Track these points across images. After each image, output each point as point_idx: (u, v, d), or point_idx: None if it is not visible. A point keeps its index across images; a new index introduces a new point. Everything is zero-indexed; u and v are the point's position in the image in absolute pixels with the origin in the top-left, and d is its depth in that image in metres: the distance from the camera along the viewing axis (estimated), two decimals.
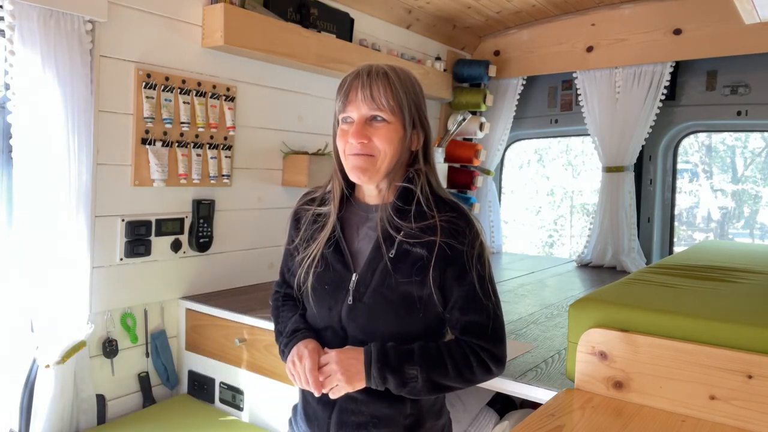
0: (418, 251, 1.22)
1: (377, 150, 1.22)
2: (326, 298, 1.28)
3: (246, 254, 2.67)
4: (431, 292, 1.23)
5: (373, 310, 1.24)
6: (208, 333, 2.32)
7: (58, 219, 1.93)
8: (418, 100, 1.27)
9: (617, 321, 1.42)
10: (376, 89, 1.21)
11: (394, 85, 1.22)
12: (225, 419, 2.20)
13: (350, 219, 1.33)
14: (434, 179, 1.31)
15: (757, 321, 1.30)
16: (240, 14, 2.36)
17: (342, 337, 1.28)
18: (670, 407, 1.33)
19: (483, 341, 1.25)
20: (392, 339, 1.24)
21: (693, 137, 6.29)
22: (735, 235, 8.35)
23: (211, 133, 2.42)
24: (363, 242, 1.29)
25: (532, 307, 2.50)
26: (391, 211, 1.25)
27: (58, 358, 1.94)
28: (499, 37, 3.88)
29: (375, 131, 1.22)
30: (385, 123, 1.22)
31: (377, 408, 1.25)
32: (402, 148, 1.25)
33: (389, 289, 1.23)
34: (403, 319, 1.24)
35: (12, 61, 1.81)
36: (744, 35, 2.95)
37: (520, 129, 4.13)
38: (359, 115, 1.22)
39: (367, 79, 1.21)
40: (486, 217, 4.10)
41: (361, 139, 1.21)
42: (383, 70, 1.23)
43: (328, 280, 1.28)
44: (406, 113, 1.23)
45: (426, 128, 1.30)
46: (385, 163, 1.23)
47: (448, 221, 1.24)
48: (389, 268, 1.23)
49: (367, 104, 1.21)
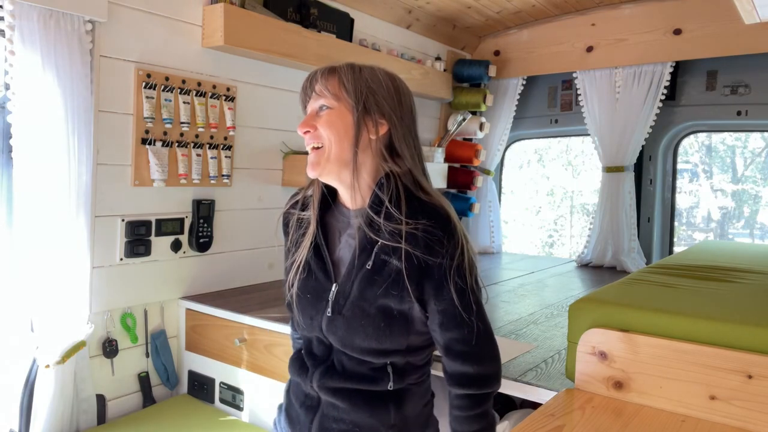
0: (394, 263, 1.17)
1: (322, 137, 1.20)
2: (308, 307, 1.26)
3: (246, 254, 2.67)
4: (412, 306, 1.18)
5: (351, 323, 1.20)
6: (208, 333, 2.32)
7: (58, 219, 1.93)
8: (375, 86, 1.20)
9: (617, 321, 1.42)
10: (316, 81, 1.21)
11: (339, 74, 1.20)
12: (225, 419, 2.20)
13: (333, 224, 1.29)
14: (410, 180, 1.22)
15: (757, 321, 1.30)
16: (240, 14, 2.36)
17: (327, 345, 1.27)
18: (670, 407, 1.33)
19: (467, 365, 1.20)
20: (370, 353, 1.20)
21: (693, 137, 6.29)
22: (735, 235, 8.35)
23: (211, 133, 2.42)
24: (344, 250, 1.26)
25: (532, 307, 2.50)
26: (365, 217, 1.20)
27: (58, 358, 1.94)
28: (499, 37, 3.88)
29: (318, 119, 1.21)
30: (327, 109, 1.20)
31: (359, 416, 1.23)
32: (353, 133, 1.18)
33: (367, 302, 1.19)
34: (383, 334, 1.19)
35: (12, 61, 1.81)
36: (744, 35, 2.95)
37: (520, 129, 4.13)
38: (309, 109, 1.23)
39: (313, 76, 1.22)
40: (486, 217, 4.10)
41: (304, 127, 1.21)
42: (332, 65, 1.22)
43: (310, 288, 1.26)
44: (352, 98, 1.18)
45: (392, 118, 1.21)
46: (333, 152, 1.19)
47: (424, 231, 1.16)
48: (367, 279, 1.19)
49: (312, 97, 1.22)
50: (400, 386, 1.25)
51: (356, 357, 1.23)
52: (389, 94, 1.22)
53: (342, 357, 1.25)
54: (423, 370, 1.31)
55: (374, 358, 1.22)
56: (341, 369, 1.25)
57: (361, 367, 1.23)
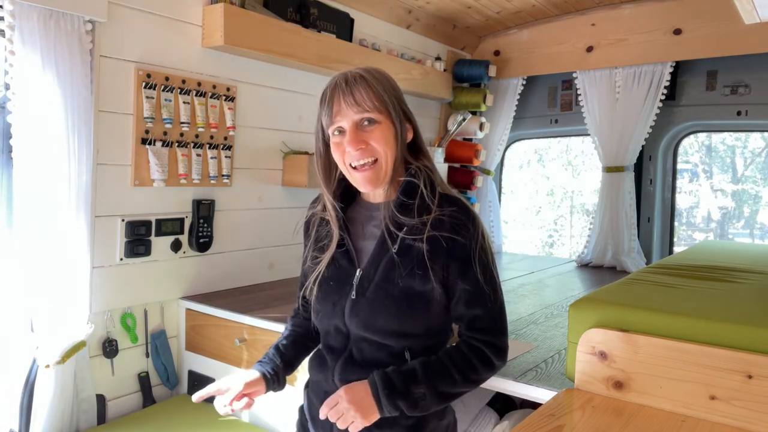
0: (420, 246, 1.23)
1: (377, 152, 1.23)
2: (331, 294, 1.30)
3: (246, 254, 2.67)
4: (433, 287, 1.24)
5: (375, 304, 1.25)
6: (208, 333, 2.32)
7: (58, 219, 1.93)
8: (398, 94, 1.29)
9: (617, 321, 1.42)
10: (358, 93, 1.21)
11: (373, 85, 1.23)
12: (225, 419, 2.20)
13: (355, 217, 1.35)
14: (436, 175, 1.32)
15: (757, 321, 1.30)
16: (240, 14, 2.36)
17: (345, 335, 1.30)
18: (670, 407, 1.33)
19: (489, 336, 1.26)
20: (391, 335, 1.25)
21: (693, 137, 6.30)
22: (735, 235, 8.35)
23: (211, 133, 2.42)
24: (368, 240, 1.31)
25: (532, 307, 2.50)
26: (394, 208, 1.27)
27: (58, 358, 1.94)
28: (499, 37, 3.88)
29: (369, 134, 1.23)
30: (376, 124, 1.23)
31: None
32: (399, 144, 1.26)
33: (392, 283, 1.24)
34: (405, 315, 1.24)
35: (12, 61, 1.81)
36: (744, 35, 2.95)
37: (520, 129, 4.13)
38: (350, 122, 1.22)
39: (346, 86, 1.22)
40: (486, 217, 4.10)
41: (358, 145, 1.22)
42: (359, 73, 1.24)
43: (333, 276, 1.31)
44: (392, 110, 1.24)
45: (413, 120, 1.31)
46: (389, 165, 1.25)
47: (450, 216, 1.24)
48: (392, 263, 1.24)
49: (354, 109, 1.21)
50: None
51: (376, 341, 1.26)
52: (403, 98, 1.31)
53: (362, 344, 1.28)
54: None
55: (394, 341, 1.26)
56: (360, 358, 1.28)
57: (380, 353, 1.27)
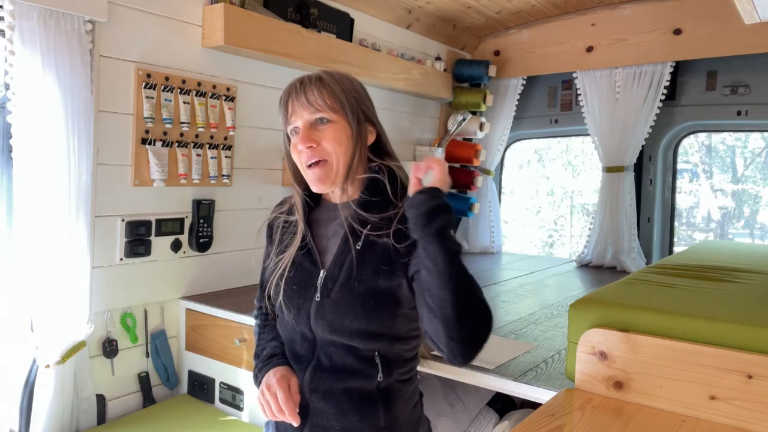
0: (385, 242, 1.22)
1: (328, 153, 1.23)
2: (295, 297, 1.28)
3: (246, 254, 2.67)
4: (401, 283, 1.21)
5: (340, 304, 1.22)
6: (208, 333, 2.32)
7: (58, 219, 1.93)
8: (359, 96, 1.28)
9: (617, 321, 1.42)
10: (311, 93, 1.23)
11: (328, 85, 1.23)
12: (225, 419, 2.20)
13: (318, 219, 1.34)
14: (402, 173, 1.31)
15: (757, 321, 1.30)
16: (240, 14, 2.36)
17: (311, 341, 1.27)
18: (670, 407, 1.33)
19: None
20: (359, 336, 1.22)
21: (693, 137, 6.29)
22: (735, 235, 8.35)
23: (211, 133, 2.42)
24: (331, 240, 1.30)
25: (532, 307, 2.50)
26: (355, 207, 1.26)
27: (58, 358, 1.94)
28: (499, 37, 3.88)
29: (321, 134, 1.23)
30: (329, 123, 1.23)
31: (349, 421, 1.24)
32: (354, 145, 1.25)
33: (357, 282, 1.22)
34: (372, 313, 1.21)
35: (12, 61, 1.81)
36: (744, 35, 2.95)
37: (520, 129, 4.13)
38: (303, 122, 1.23)
39: (300, 86, 1.24)
40: (486, 217, 4.10)
41: (308, 143, 1.22)
42: (316, 75, 1.25)
43: (297, 280, 1.29)
44: (347, 110, 1.24)
45: (375, 122, 1.31)
46: (341, 165, 1.24)
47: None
48: (356, 261, 1.23)
49: (307, 109, 1.23)
50: (389, 382, 1.25)
51: (344, 344, 1.23)
52: (367, 99, 1.31)
53: (329, 349, 1.25)
54: (411, 365, 1.32)
55: (362, 343, 1.22)
56: (329, 364, 1.25)
57: (348, 357, 1.24)
